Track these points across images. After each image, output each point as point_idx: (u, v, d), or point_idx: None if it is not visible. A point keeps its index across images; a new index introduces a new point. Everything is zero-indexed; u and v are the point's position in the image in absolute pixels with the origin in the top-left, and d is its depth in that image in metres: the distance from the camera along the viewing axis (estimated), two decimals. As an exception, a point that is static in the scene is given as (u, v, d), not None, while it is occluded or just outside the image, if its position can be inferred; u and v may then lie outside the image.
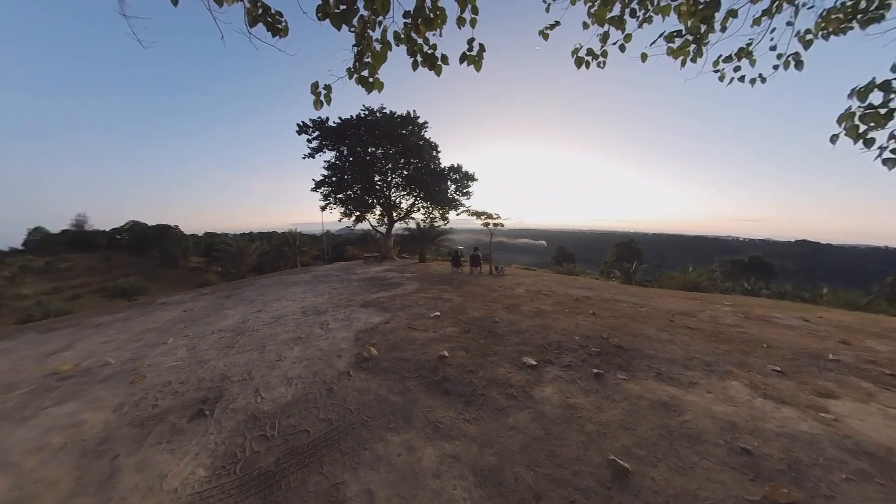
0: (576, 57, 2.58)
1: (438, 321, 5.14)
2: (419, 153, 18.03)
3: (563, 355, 3.74)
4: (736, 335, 4.68)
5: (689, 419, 2.51)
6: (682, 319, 5.58)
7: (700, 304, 7.04)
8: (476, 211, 12.62)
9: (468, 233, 66.73)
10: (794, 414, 2.61)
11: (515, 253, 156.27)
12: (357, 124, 17.42)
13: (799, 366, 3.61)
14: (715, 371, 3.42)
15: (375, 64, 1.93)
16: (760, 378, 3.27)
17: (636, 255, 38.84)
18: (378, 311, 5.86)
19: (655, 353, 3.89)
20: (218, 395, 3.11)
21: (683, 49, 2.36)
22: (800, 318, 5.96)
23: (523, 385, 3.08)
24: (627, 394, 2.91)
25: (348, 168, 18.33)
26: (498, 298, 7.01)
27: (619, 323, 5.19)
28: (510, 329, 4.73)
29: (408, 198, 20.10)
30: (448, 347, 3.96)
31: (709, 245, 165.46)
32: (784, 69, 2.22)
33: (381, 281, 9.76)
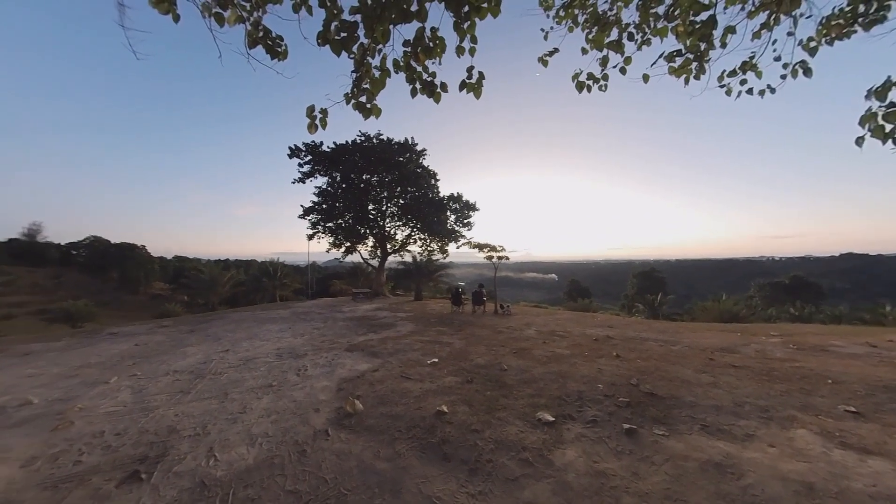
0: (576, 82, 2.78)
1: (436, 369, 4.93)
2: (417, 181, 18.79)
3: (586, 408, 3.52)
4: (792, 371, 4.42)
5: (752, 483, 2.22)
6: (723, 357, 5.32)
7: (742, 338, 6.78)
8: (478, 243, 12.72)
9: (470, 267, 66.75)
10: (886, 467, 2.33)
11: (523, 288, 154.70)
12: (352, 150, 18.45)
13: (878, 404, 3.35)
14: (774, 418, 3.13)
15: (374, 90, 2.08)
16: (833, 423, 2.99)
17: (660, 284, 38.29)
18: (366, 357, 5.68)
19: (697, 399, 3.64)
20: (161, 452, 2.84)
21: (685, 68, 2.53)
22: (865, 345, 5.74)
23: (539, 447, 2.81)
24: (669, 454, 2.64)
25: (340, 195, 19.01)
26: (505, 342, 6.78)
27: (649, 366, 4.95)
28: (521, 378, 4.53)
29: (403, 228, 20.41)
30: (448, 401, 3.73)
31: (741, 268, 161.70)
32: (792, 77, 2.35)
33: (371, 321, 9.59)
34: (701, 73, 2.55)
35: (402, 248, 20.35)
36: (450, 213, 19.19)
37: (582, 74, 2.75)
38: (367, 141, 18.44)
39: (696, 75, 2.56)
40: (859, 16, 1.94)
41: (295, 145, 18.58)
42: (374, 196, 19.54)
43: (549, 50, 2.67)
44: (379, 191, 19.52)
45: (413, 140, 19.01)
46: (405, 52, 2.02)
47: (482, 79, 2.23)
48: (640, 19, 2.54)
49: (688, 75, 2.57)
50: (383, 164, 18.21)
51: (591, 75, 2.74)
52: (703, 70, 2.53)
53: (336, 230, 19.22)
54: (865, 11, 1.92)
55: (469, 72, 2.20)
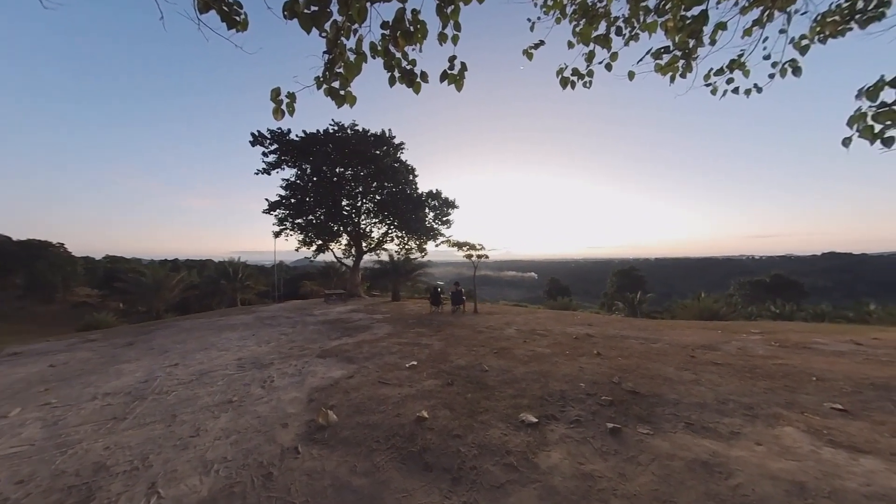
0: (561, 77, 2.78)
1: (415, 372, 4.88)
2: (394, 176, 18.40)
3: (569, 408, 3.57)
4: (775, 369, 4.61)
5: (741, 482, 2.25)
6: (704, 354, 5.54)
7: (723, 335, 7.11)
8: (458, 242, 12.75)
9: (449, 266, 67.02)
10: (879, 466, 2.41)
11: (503, 287, 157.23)
12: (324, 140, 17.65)
13: (865, 401, 3.51)
14: (759, 415, 3.24)
15: (348, 75, 1.97)
16: (819, 420, 3.10)
17: (639, 283, 39.98)
18: (340, 363, 5.51)
19: (680, 397, 3.74)
20: (84, 498, 2.44)
21: (672, 65, 2.57)
22: (850, 342, 6.01)
23: (524, 451, 2.79)
24: (655, 453, 2.68)
25: (311, 189, 18.21)
26: (486, 342, 6.83)
27: (631, 363, 5.10)
28: (502, 378, 4.56)
29: (380, 226, 20.08)
30: (428, 406, 3.67)
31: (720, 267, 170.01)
32: (781, 77, 2.41)
33: (346, 324, 9.40)
34: (688, 72, 2.59)
35: (379, 246, 20.00)
36: (428, 211, 19.05)
37: (567, 70, 2.76)
38: (340, 131, 17.80)
39: (682, 73, 2.61)
40: (857, 12, 1.97)
41: (258, 132, 17.62)
42: (349, 191, 18.91)
43: (535, 42, 2.64)
44: (353, 185, 18.95)
45: (390, 132, 18.61)
46: (383, 35, 1.93)
47: (464, 70, 2.19)
48: (630, 13, 2.54)
49: (674, 73, 2.62)
50: (358, 156, 17.69)
51: (576, 71, 2.76)
52: (689, 68, 2.58)
53: (306, 227, 18.51)
54: (864, 8, 1.95)
55: (451, 62, 2.15)
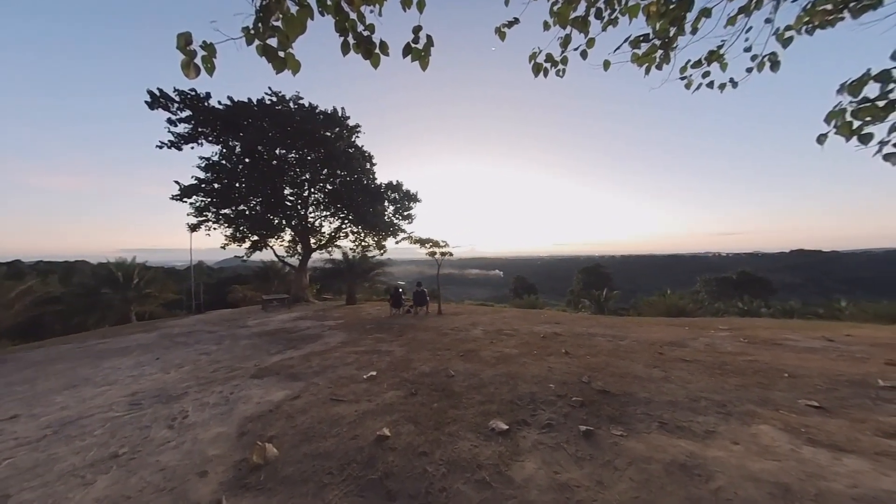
0: (533, 63, 2.74)
1: (374, 384, 4.67)
2: (348, 163, 17.27)
3: (540, 411, 3.62)
4: (745, 365, 4.91)
5: (722, 485, 2.30)
6: (672, 351, 5.87)
7: (690, 331, 7.61)
8: (420, 238, 12.67)
9: (410, 265, 66.89)
10: (864, 466, 2.48)
11: (468, 286, 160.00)
12: (258, 113, 15.48)
13: (842, 398, 3.68)
14: (733, 413, 3.39)
15: (289, 32, 1.74)
16: (796, 418, 3.25)
17: (605, 280, 42.54)
18: (282, 382, 5.03)
19: (651, 396, 3.88)
20: None
21: (649, 56, 2.61)
22: (821, 339, 6.46)
23: (496, 463, 2.72)
24: (631, 456, 2.72)
25: (242, 173, 16.14)
26: (451, 344, 6.84)
27: (599, 362, 5.31)
28: (470, 383, 4.54)
29: (331, 220, 19.13)
30: (390, 422, 3.49)
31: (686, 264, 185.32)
32: (758, 71, 2.50)
33: (290, 334, 8.86)
34: (664, 63, 2.64)
35: (330, 243, 19.06)
36: (388, 204, 18.46)
37: (540, 55, 2.72)
38: (280, 104, 15.92)
39: (658, 65, 2.65)
40: (851, 0, 2.01)
41: (160, 91, 14.14)
42: (293, 178, 17.39)
43: (509, 20, 2.54)
44: (299, 171, 17.45)
45: (344, 112, 17.30)
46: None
47: (430, 45, 2.05)
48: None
49: (650, 64, 2.65)
50: (304, 137, 16.13)
51: (550, 57, 2.72)
52: (667, 59, 2.62)
53: (236, 219, 16.47)
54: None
55: (416, 33, 2.01)
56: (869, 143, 1.77)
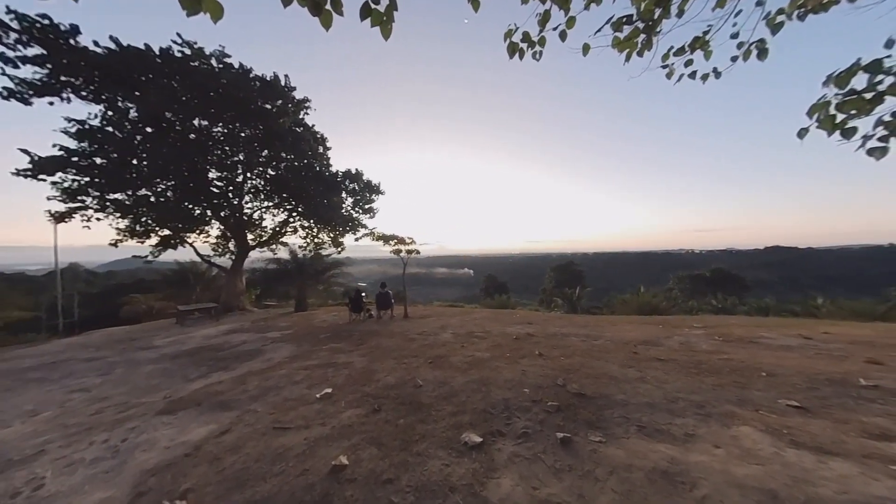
0: (509, 42, 2.68)
1: (330, 403, 4.39)
2: (295, 145, 15.70)
3: (515, 419, 3.63)
4: (721, 364, 5.16)
5: (708, 493, 2.36)
6: (647, 350, 6.14)
7: (665, 330, 8.01)
8: (383, 235, 12.34)
9: (372, 264, 66.03)
10: (852, 470, 2.53)
11: (436, 286, 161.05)
12: (163, 67, 12.56)
13: (824, 398, 3.80)
14: (712, 414, 3.53)
15: None
16: (776, 418, 3.39)
17: (578, 278, 44.33)
18: (206, 415, 4.40)
19: (627, 397, 4.00)
20: None
21: (631, 40, 2.61)
22: (798, 336, 6.84)
23: (470, 482, 2.64)
24: (612, 464, 2.75)
25: (142, 146, 12.98)
26: (418, 350, 6.77)
27: (574, 363, 5.46)
28: (439, 393, 4.47)
29: (275, 212, 17.79)
30: (348, 447, 3.26)
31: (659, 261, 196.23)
32: (744, 60, 2.54)
33: (218, 352, 7.97)
34: (646, 49, 2.66)
35: (274, 239, 17.70)
36: (346, 195, 17.45)
37: (517, 33, 2.66)
38: (196, 59, 13.21)
39: (640, 51, 2.67)
40: None
41: None
42: (220, 158, 15.02)
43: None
44: (229, 150, 15.21)
45: (288, 81, 15.12)
46: None
47: (393, 8, 1.90)
48: None
49: (632, 50, 2.67)
50: (235, 107, 13.77)
51: (527, 36, 2.67)
52: (649, 45, 2.64)
53: (135, 207, 13.60)
54: None
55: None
56: (852, 138, 1.84)
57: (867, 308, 12.96)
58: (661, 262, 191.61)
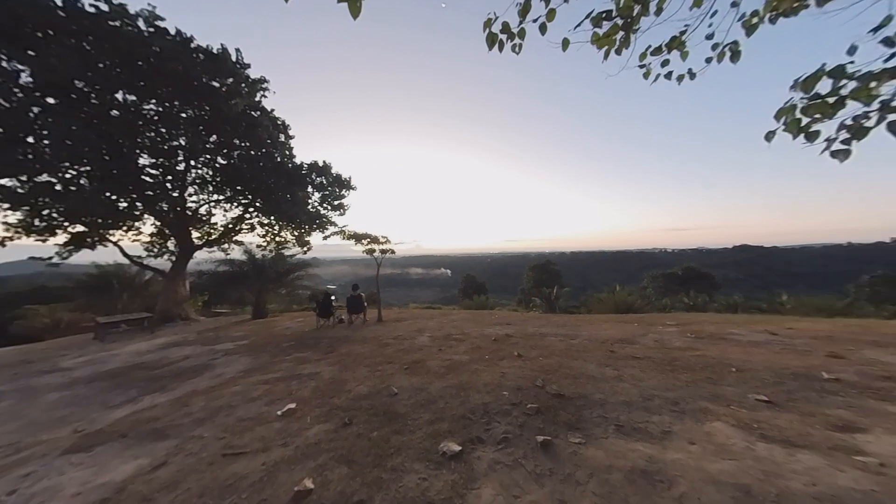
0: (488, 32, 2.69)
1: (293, 420, 4.16)
2: (251, 131, 14.38)
3: (495, 424, 3.67)
4: (694, 360, 5.48)
5: (685, 491, 2.48)
6: (623, 348, 6.44)
7: (640, 328, 8.42)
8: (355, 233, 12.07)
9: (343, 264, 65.10)
10: (819, 462, 2.71)
11: (412, 287, 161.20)
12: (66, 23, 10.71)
13: (790, 392, 4.10)
14: (686, 411, 3.74)
15: None
16: (747, 413, 3.64)
17: (556, 277, 45.97)
18: (134, 447, 3.87)
19: (605, 397, 4.17)
20: None
21: (610, 37, 2.70)
22: (764, 332, 7.32)
23: (450, 496, 2.63)
24: (592, 466, 2.84)
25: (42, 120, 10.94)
26: (393, 356, 6.72)
27: (552, 363, 5.63)
28: (416, 401, 4.44)
29: (227, 206, 16.60)
30: (314, 468, 3.08)
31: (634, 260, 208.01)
32: (718, 62, 2.69)
33: (152, 370, 7.16)
34: (624, 47, 2.75)
35: (227, 237, 16.54)
36: (312, 190, 16.66)
37: (496, 22, 2.68)
38: (118, 17, 11.40)
39: (618, 49, 2.76)
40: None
41: None
42: (155, 141, 13.36)
43: None
44: (165, 133, 13.60)
45: (241, 57, 13.81)
46: None
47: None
48: None
49: (610, 47, 2.76)
50: (173, 82, 12.29)
51: (507, 27, 2.70)
52: (627, 43, 2.74)
53: (32, 196, 11.53)
54: None
55: None
56: (815, 141, 1.99)
57: (827, 304, 14.13)
58: (636, 260, 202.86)
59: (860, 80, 1.84)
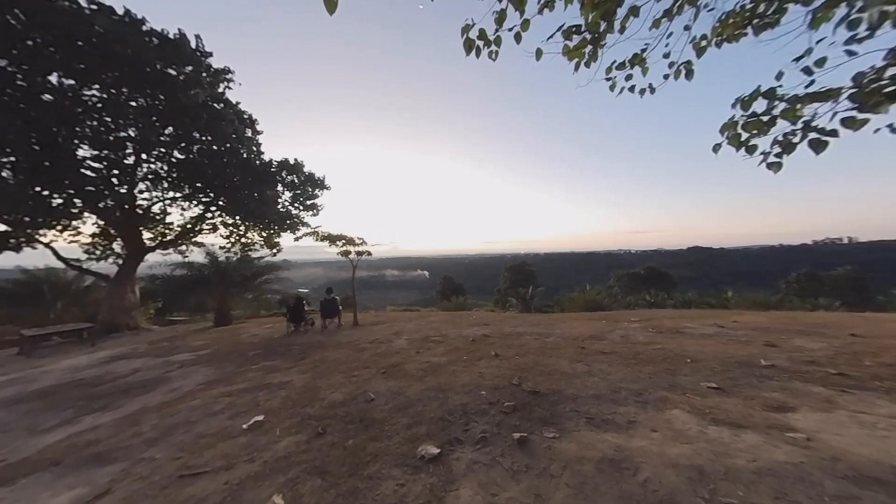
0: (465, 37, 2.80)
1: (261, 434, 3.96)
2: (213, 125, 13.48)
3: (473, 424, 3.73)
4: (655, 353, 5.90)
5: (649, 476, 2.68)
6: (593, 344, 6.79)
7: (608, 324, 8.90)
8: (329, 234, 11.77)
9: (316, 267, 63.82)
10: (759, 440, 3.06)
11: (390, 290, 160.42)
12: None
13: (734, 378, 4.57)
14: (648, 401, 4.03)
15: None
16: (700, 400, 4.01)
17: (531, 278, 47.35)
18: (70, 476, 3.50)
19: (578, 391, 4.39)
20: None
21: (580, 49, 2.91)
22: (714, 325, 8.08)
23: (428, 500, 2.65)
24: (565, 458, 2.97)
25: None
26: (370, 361, 6.67)
27: (528, 361, 5.84)
28: (393, 405, 4.44)
29: (186, 204, 15.58)
30: (284, 483, 2.97)
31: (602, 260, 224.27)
32: (675, 79, 2.99)
33: (92, 388, 6.53)
34: (592, 61, 2.98)
35: (184, 238, 15.61)
36: (282, 189, 16.15)
37: (473, 29, 2.79)
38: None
39: (587, 62, 2.98)
40: (756, 17, 2.53)
41: None
42: (98, 130, 12.19)
43: None
44: (111, 123, 12.43)
45: (201, 44, 13.04)
46: None
47: None
48: None
49: (580, 59, 2.97)
50: (120, 66, 11.33)
51: (483, 34, 2.82)
52: (595, 56, 2.96)
53: None
54: (763, 13, 2.51)
55: None
56: (754, 154, 2.26)
57: (764, 299, 16.18)
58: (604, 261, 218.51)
59: (788, 102, 2.10)
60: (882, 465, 2.61)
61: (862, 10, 1.84)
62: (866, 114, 1.84)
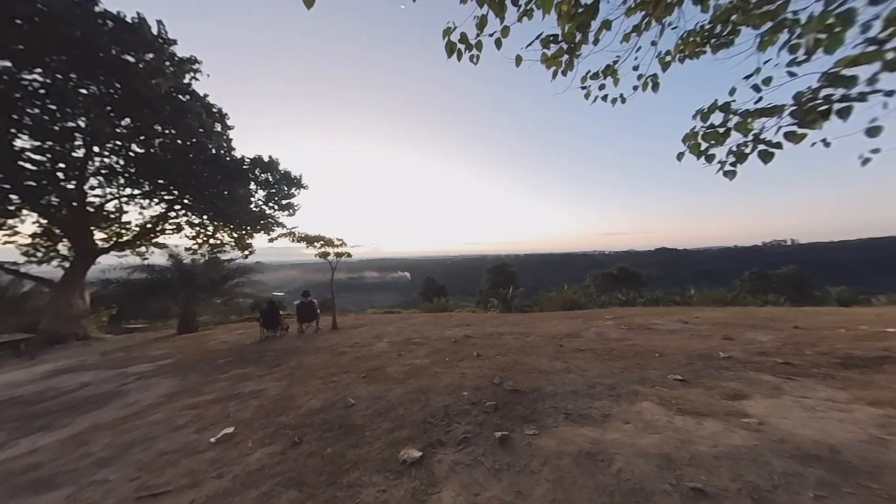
0: (447, 40, 2.87)
1: (231, 447, 3.75)
2: (177, 117, 12.77)
3: (455, 424, 3.78)
4: (627, 349, 6.25)
5: (622, 467, 2.85)
6: (570, 342, 7.09)
7: (584, 323, 9.33)
8: (306, 235, 11.54)
9: (292, 269, 62.80)
10: (718, 427, 3.32)
11: (371, 292, 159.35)
12: None
13: (697, 370, 4.93)
14: (621, 395, 4.27)
15: None
16: (667, 392, 4.29)
17: (511, 278, 48.53)
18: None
19: (556, 388, 4.58)
20: None
21: (557, 58, 3.08)
22: (679, 321, 8.67)
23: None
24: (545, 454, 3.10)
25: None
26: (350, 365, 6.61)
27: (509, 361, 6.01)
28: (374, 409, 4.41)
29: (145, 202, 14.64)
30: (256, 497, 2.88)
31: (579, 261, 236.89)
32: (643, 90, 3.24)
33: (30, 406, 6.01)
34: (569, 70, 3.15)
35: (143, 238, 14.79)
36: (256, 187, 15.59)
37: (455, 32, 2.86)
38: None
39: (564, 70, 3.15)
40: (713, 36, 2.75)
41: None
42: (42, 119, 11.24)
43: None
44: (57, 112, 11.48)
45: (164, 30, 12.29)
46: None
47: None
48: None
49: (557, 68, 3.13)
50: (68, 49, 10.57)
51: (465, 38, 2.90)
52: (571, 66, 3.13)
53: None
54: (720, 33, 2.73)
55: None
56: (713, 162, 2.48)
57: (721, 296, 18.04)
58: (580, 261, 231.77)
59: (741, 116, 2.32)
60: (820, 444, 2.91)
61: (800, 37, 2.08)
62: (805, 129, 2.08)
